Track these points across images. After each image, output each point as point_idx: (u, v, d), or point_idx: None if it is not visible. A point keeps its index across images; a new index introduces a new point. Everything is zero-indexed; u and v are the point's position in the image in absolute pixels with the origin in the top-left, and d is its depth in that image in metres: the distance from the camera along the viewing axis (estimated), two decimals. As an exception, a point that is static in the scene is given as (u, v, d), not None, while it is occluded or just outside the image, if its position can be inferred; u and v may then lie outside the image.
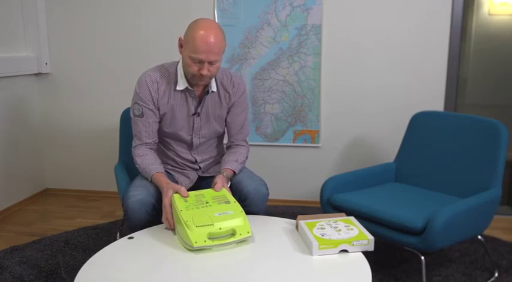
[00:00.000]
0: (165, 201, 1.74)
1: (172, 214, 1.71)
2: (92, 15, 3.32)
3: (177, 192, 1.76)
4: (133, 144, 2.01)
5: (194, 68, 1.82)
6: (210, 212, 1.64)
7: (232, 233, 1.60)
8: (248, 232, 1.61)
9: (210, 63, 1.81)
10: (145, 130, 1.97)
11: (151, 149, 2.00)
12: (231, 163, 1.98)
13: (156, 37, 3.27)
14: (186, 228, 1.55)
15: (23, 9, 3.27)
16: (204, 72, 1.81)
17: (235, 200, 1.74)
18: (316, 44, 3.09)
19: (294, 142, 3.26)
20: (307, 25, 3.07)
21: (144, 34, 3.29)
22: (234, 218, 1.62)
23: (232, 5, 3.13)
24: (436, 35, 2.99)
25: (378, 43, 3.06)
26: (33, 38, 3.32)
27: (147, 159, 1.95)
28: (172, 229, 1.72)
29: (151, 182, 1.90)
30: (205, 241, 1.55)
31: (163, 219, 1.75)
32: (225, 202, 1.72)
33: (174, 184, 1.81)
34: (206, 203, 1.71)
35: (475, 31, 3.20)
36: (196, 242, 1.53)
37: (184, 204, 1.68)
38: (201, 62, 1.80)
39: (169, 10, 3.23)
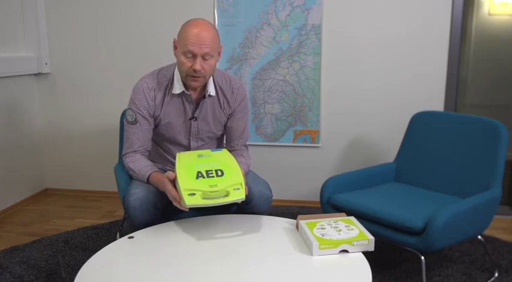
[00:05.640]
0: (171, 193, 1.69)
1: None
2: (92, 15, 3.32)
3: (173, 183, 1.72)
4: (124, 151, 1.97)
5: (187, 65, 1.78)
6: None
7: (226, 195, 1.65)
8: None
9: (204, 58, 1.77)
10: (137, 137, 1.94)
11: (142, 155, 1.97)
12: (242, 164, 1.96)
13: (156, 37, 3.27)
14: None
15: (23, 9, 3.27)
16: (197, 66, 1.75)
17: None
18: (316, 44, 3.09)
19: (294, 142, 3.26)
20: (307, 25, 3.07)
21: (144, 34, 3.28)
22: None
23: (232, 5, 3.12)
24: (436, 35, 2.99)
25: (378, 43, 3.06)
26: (33, 38, 3.31)
27: (139, 163, 1.92)
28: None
29: (148, 183, 1.88)
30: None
31: (175, 205, 1.69)
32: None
33: (167, 173, 1.75)
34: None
35: (475, 31, 3.20)
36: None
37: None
38: (194, 55, 1.76)
39: (169, 10, 3.23)
